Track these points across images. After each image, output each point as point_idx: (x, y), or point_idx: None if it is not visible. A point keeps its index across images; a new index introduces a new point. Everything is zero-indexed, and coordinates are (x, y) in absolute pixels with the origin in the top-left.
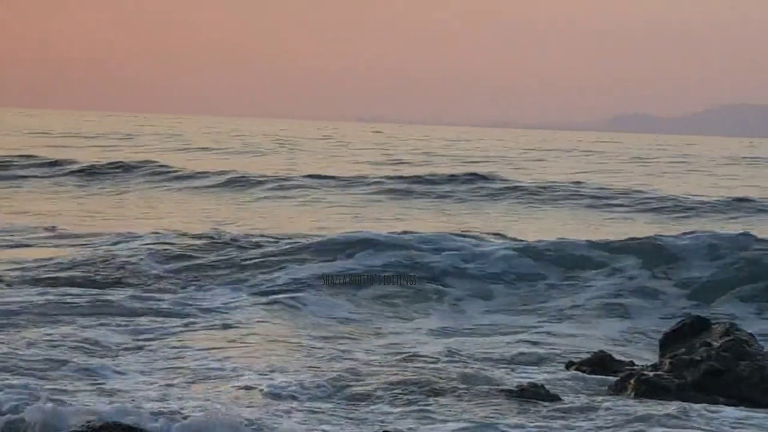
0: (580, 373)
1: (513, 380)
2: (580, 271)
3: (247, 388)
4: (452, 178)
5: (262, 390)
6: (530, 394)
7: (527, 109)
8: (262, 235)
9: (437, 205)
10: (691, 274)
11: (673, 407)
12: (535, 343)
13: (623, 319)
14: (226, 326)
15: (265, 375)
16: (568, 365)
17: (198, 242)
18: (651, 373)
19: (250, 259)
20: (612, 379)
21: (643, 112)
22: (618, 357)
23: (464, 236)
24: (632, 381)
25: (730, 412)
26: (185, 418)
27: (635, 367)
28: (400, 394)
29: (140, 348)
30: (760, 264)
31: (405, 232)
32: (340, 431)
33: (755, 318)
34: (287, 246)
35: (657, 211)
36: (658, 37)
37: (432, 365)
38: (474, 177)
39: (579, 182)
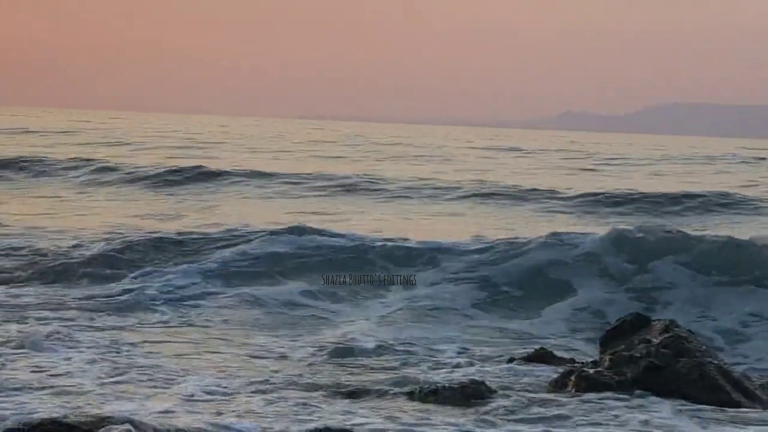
0: (521, 369)
1: (454, 376)
2: (523, 245)
3: (184, 388)
4: (393, 176)
5: (198, 390)
6: (471, 391)
7: (473, 107)
8: (207, 227)
9: (374, 203)
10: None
11: (612, 403)
12: (477, 336)
13: (566, 298)
14: (174, 320)
15: (205, 375)
16: (510, 360)
17: (143, 234)
18: (591, 370)
19: (198, 250)
20: (553, 375)
21: (587, 111)
22: (559, 351)
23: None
24: (573, 377)
25: (667, 408)
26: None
27: (576, 364)
28: (339, 392)
29: (84, 344)
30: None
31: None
32: (269, 429)
33: (691, 283)
34: (234, 237)
35: (592, 205)
36: (605, 37)
37: (375, 359)
38: (414, 178)
39: (518, 184)
